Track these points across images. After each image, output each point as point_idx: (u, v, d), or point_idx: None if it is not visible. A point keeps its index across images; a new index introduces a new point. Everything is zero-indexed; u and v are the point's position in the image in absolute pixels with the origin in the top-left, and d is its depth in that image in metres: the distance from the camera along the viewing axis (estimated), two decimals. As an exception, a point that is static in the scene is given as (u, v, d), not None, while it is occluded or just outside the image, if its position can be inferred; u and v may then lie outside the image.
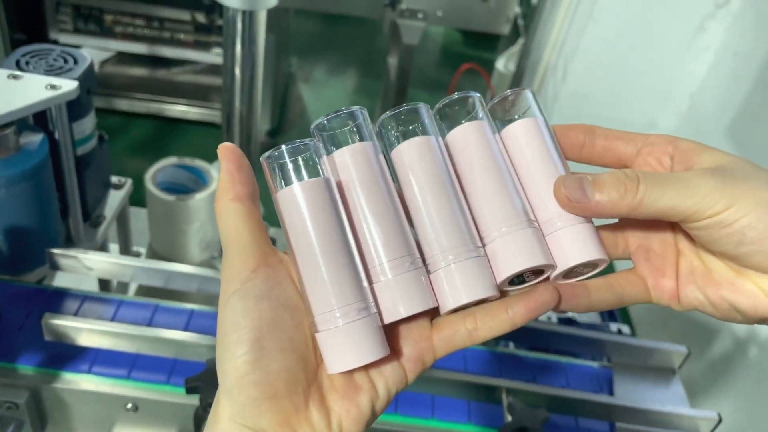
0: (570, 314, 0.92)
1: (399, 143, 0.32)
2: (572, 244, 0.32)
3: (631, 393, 0.76)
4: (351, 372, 0.31)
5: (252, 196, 0.31)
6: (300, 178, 0.30)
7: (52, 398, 0.69)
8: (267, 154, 0.31)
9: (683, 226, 0.31)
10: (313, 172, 0.31)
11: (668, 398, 0.76)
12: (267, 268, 0.30)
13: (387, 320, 0.31)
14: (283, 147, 0.31)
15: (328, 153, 0.32)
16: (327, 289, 0.30)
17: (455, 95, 0.33)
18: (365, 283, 0.30)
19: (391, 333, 0.32)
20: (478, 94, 0.34)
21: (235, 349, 0.29)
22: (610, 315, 0.97)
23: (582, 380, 0.77)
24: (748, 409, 1.12)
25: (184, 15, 1.96)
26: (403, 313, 0.30)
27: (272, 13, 0.95)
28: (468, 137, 0.33)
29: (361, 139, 0.32)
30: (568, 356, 0.80)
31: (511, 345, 0.92)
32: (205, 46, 2.02)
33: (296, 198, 0.30)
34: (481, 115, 0.33)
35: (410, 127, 0.32)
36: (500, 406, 0.71)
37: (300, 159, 0.31)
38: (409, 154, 0.32)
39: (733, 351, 1.18)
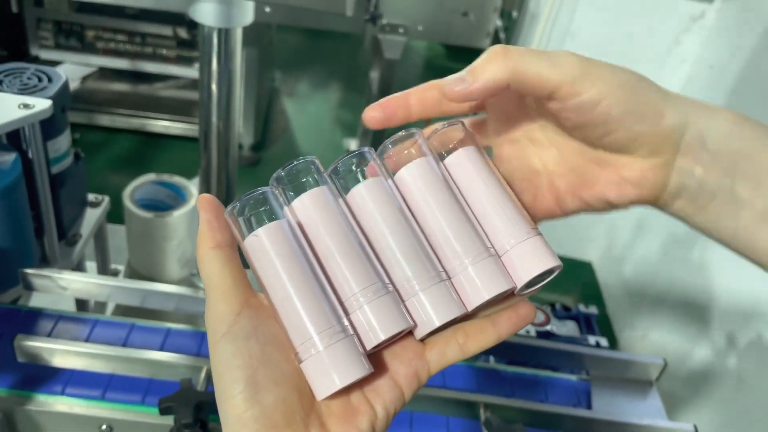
0: (549, 327, 0.92)
1: (353, 185, 0.34)
2: (525, 260, 0.33)
3: (609, 406, 0.76)
4: (348, 395, 0.32)
5: (231, 243, 0.33)
6: (261, 223, 0.32)
7: (25, 421, 0.68)
8: (228, 208, 0.33)
9: (552, 108, 0.33)
10: (273, 216, 0.32)
11: (646, 411, 0.77)
12: (250, 310, 0.31)
13: (369, 345, 0.31)
14: (242, 198, 0.32)
15: (288, 200, 0.34)
16: (302, 319, 0.31)
17: (398, 135, 0.35)
18: (340, 310, 0.31)
19: (385, 354, 0.33)
20: (419, 130, 0.35)
21: (231, 389, 0.30)
22: (588, 328, 0.97)
23: (560, 394, 0.77)
24: (727, 419, 1.13)
25: (166, 30, 1.96)
26: (383, 336, 0.31)
27: (254, 28, 0.95)
28: (414, 177, 0.34)
29: (317, 185, 0.34)
30: (547, 370, 0.80)
31: (492, 359, 0.92)
32: (187, 61, 2.02)
33: (261, 241, 0.32)
34: (424, 150, 0.35)
35: (360, 171, 0.34)
36: (478, 421, 0.71)
37: (259, 206, 0.32)
38: (361, 195, 0.34)
39: (712, 361, 1.19)
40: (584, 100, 0.31)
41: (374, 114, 0.35)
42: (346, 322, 0.31)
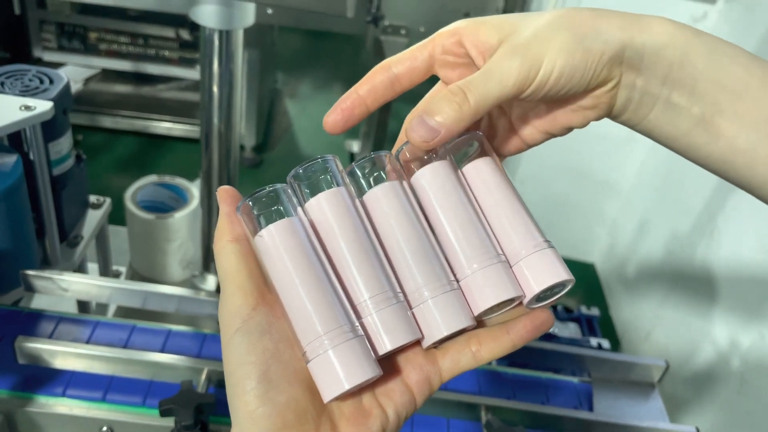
0: (550, 329, 0.92)
1: (368, 188, 0.34)
2: (537, 271, 0.33)
3: (610, 408, 0.76)
4: (359, 397, 0.32)
5: (249, 237, 0.32)
6: (272, 220, 0.32)
7: (26, 422, 0.68)
8: (240, 203, 0.32)
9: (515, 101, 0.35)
10: (284, 214, 0.32)
11: (647, 413, 0.76)
12: (266, 306, 0.31)
13: (379, 353, 0.31)
14: (254, 194, 0.32)
15: (305, 199, 0.33)
16: (311, 318, 0.30)
17: None
18: (350, 311, 0.31)
19: (397, 359, 0.33)
20: None
21: (244, 384, 0.29)
22: (590, 329, 0.97)
23: (562, 396, 0.77)
24: (729, 421, 1.12)
25: (169, 32, 1.96)
26: (389, 347, 0.31)
27: (256, 30, 0.95)
28: (431, 178, 0.34)
29: (335, 185, 0.33)
30: (549, 372, 0.80)
31: (493, 362, 0.92)
32: (189, 63, 2.02)
33: (272, 237, 0.31)
34: (441, 154, 0.35)
35: (376, 174, 0.34)
36: (479, 423, 0.71)
37: (271, 203, 0.32)
38: (377, 199, 0.34)
39: (714, 362, 1.19)
40: (533, 89, 0.32)
41: (333, 119, 0.35)
42: (356, 322, 0.31)
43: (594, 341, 0.90)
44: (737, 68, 0.32)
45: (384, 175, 0.34)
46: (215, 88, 0.91)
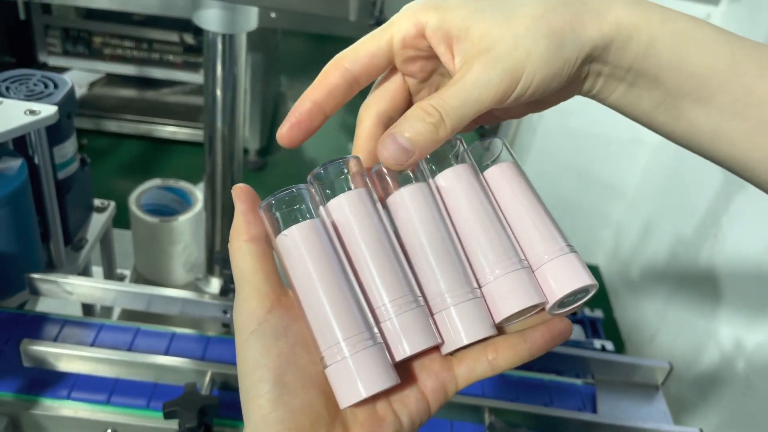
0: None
1: (392, 190, 0.34)
2: (560, 276, 0.32)
3: (614, 410, 0.76)
4: (374, 404, 0.31)
5: (265, 237, 0.32)
6: (295, 221, 0.31)
7: (31, 425, 0.69)
8: (263, 203, 0.32)
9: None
10: (307, 215, 0.31)
11: (651, 415, 0.76)
12: (281, 308, 0.31)
13: (397, 358, 0.31)
14: (277, 194, 0.32)
15: (327, 199, 0.33)
16: (331, 323, 0.30)
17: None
18: (370, 317, 0.31)
19: (413, 365, 0.33)
20: (460, 137, 0.35)
21: (258, 388, 0.29)
22: (594, 331, 0.97)
23: (565, 398, 0.77)
24: (733, 423, 1.12)
25: (173, 36, 1.97)
26: (408, 352, 0.31)
27: (260, 33, 0.95)
28: (454, 181, 0.34)
29: (357, 186, 0.33)
30: (552, 374, 0.80)
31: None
32: (193, 67, 2.03)
33: (294, 239, 0.31)
34: (463, 158, 0.34)
35: (401, 174, 0.34)
36: (483, 425, 0.71)
37: (293, 204, 0.32)
38: (403, 201, 0.33)
39: (719, 364, 1.18)
40: (511, 100, 0.32)
41: (289, 134, 0.34)
42: (376, 329, 0.31)
43: (598, 343, 0.90)
44: (703, 55, 0.32)
45: (410, 176, 0.33)
46: (219, 92, 0.92)
